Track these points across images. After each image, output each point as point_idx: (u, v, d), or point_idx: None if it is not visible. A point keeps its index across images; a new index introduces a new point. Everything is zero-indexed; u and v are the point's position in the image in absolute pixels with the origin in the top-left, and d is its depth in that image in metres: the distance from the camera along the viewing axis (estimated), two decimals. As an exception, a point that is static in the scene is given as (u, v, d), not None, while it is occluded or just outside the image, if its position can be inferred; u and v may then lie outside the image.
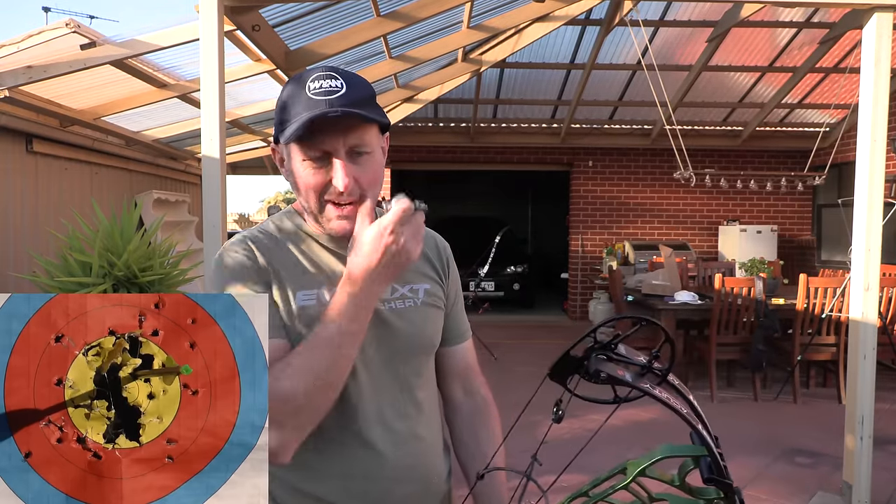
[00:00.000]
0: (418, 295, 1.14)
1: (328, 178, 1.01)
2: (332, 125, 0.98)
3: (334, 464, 1.05)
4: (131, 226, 2.97)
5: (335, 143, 0.99)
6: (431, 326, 1.16)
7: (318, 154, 1.00)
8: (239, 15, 3.48)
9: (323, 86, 0.99)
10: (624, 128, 8.69)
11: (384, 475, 1.06)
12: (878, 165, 3.14)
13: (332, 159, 1.00)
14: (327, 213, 1.04)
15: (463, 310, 1.27)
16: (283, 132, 1.01)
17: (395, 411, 1.08)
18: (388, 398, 1.08)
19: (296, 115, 0.99)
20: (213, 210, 2.84)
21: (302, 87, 1.00)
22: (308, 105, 0.98)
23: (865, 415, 3.16)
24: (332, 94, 0.98)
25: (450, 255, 1.24)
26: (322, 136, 0.99)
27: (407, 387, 1.11)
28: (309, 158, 1.01)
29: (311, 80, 1.00)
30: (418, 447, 1.11)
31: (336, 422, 1.04)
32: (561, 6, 5.12)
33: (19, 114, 4.07)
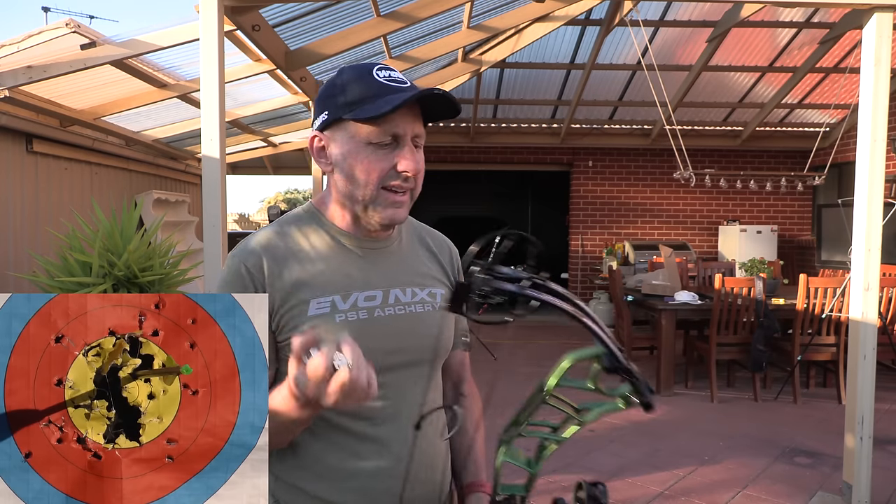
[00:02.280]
0: (436, 299, 1.14)
1: (393, 163, 1.02)
2: (407, 111, 1.00)
3: (341, 463, 1.05)
4: (131, 226, 2.97)
5: (406, 128, 1.01)
6: (448, 331, 1.16)
7: (387, 138, 1.01)
8: (239, 15, 3.48)
9: (392, 75, 1.02)
10: (624, 128, 8.69)
11: (391, 475, 1.06)
12: (878, 165, 3.14)
13: (402, 143, 1.02)
14: (382, 200, 1.04)
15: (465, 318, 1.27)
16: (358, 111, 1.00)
17: (408, 413, 1.08)
18: (404, 401, 1.08)
19: (374, 96, 0.99)
20: (213, 210, 2.84)
21: (368, 74, 1.02)
22: (386, 89, 0.99)
23: (865, 415, 3.16)
24: (405, 83, 1.02)
25: (459, 262, 1.24)
26: (398, 120, 1.00)
27: (422, 389, 1.11)
28: (378, 141, 1.01)
29: (375, 69, 1.02)
30: (425, 447, 1.11)
31: (345, 422, 1.05)
32: (561, 6, 5.12)
33: (19, 114, 4.07)
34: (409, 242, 1.18)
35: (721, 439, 4.26)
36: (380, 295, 1.08)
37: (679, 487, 3.53)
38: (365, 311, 1.06)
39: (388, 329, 1.07)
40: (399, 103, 0.97)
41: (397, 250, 1.14)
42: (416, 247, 1.19)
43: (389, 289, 1.09)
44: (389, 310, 1.08)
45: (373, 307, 1.07)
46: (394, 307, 1.08)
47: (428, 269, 1.17)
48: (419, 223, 1.25)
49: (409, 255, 1.16)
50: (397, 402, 1.07)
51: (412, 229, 1.21)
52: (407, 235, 1.19)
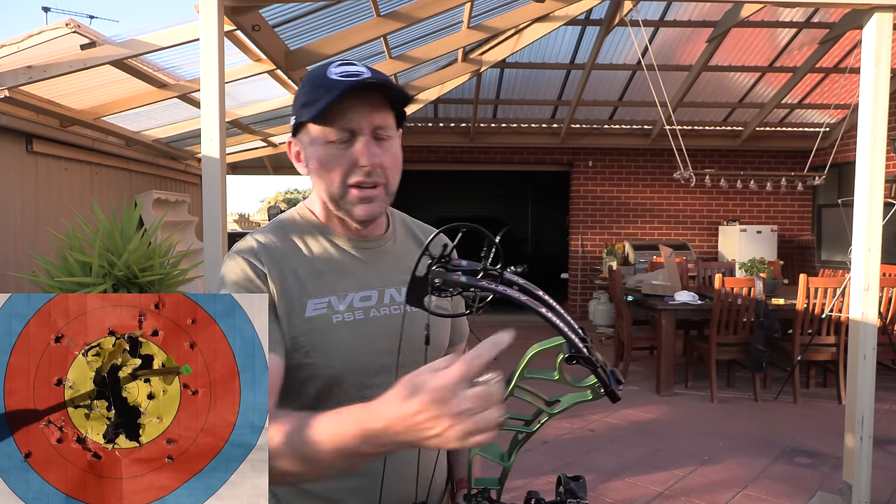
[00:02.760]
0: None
1: (353, 159, 1.01)
2: (359, 103, 0.99)
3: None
4: (131, 226, 2.97)
5: (360, 121, 1.00)
6: (443, 330, 1.17)
7: (343, 134, 1.01)
8: (239, 15, 3.48)
9: (347, 70, 1.00)
10: (624, 128, 8.69)
11: (388, 471, 1.07)
12: (878, 165, 3.14)
13: (358, 138, 1.01)
14: (350, 198, 1.04)
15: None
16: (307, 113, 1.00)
17: None
18: None
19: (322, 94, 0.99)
20: (213, 210, 2.84)
21: (323, 73, 1.01)
22: (336, 86, 0.98)
23: (865, 415, 3.16)
24: (358, 76, 0.99)
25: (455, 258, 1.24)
26: (348, 114, 0.99)
27: None
28: (333, 140, 1.01)
29: (332, 66, 1.01)
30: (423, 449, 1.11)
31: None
32: (561, 6, 5.12)
33: (19, 114, 4.07)
34: (403, 240, 1.18)
35: (721, 439, 4.26)
36: (375, 295, 1.08)
37: (679, 487, 3.53)
38: (361, 311, 1.06)
39: (385, 329, 1.07)
40: (331, 99, 0.96)
41: (392, 249, 1.15)
42: (410, 245, 1.19)
43: (384, 288, 1.10)
44: (385, 310, 1.08)
45: (368, 307, 1.07)
46: (389, 307, 1.09)
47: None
48: (412, 219, 1.25)
49: (403, 254, 1.16)
50: None
51: (406, 227, 1.21)
52: (401, 233, 1.19)
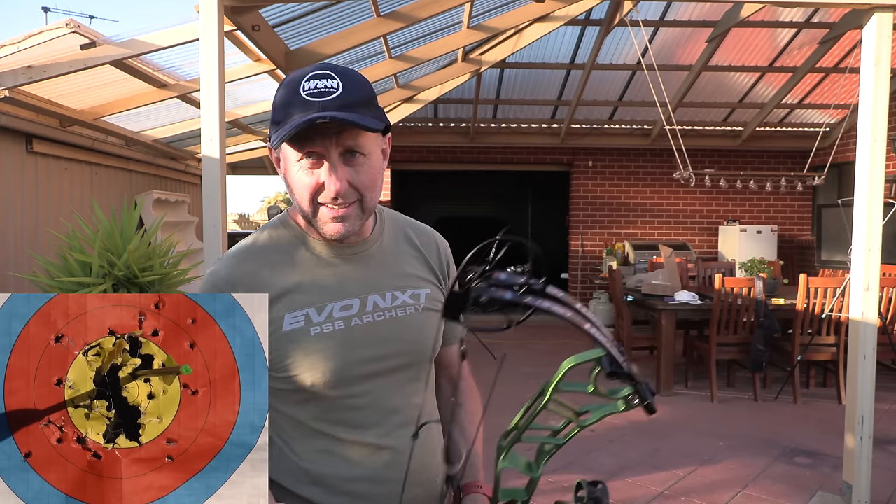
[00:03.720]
0: (420, 300, 1.11)
1: (322, 180, 0.98)
2: (325, 127, 0.95)
3: (333, 470, 1.05)
4: (131, 226, 2.97)
5: (327, 145, 0.97)
6: (433, 332, 1.13)
7: (311, 157, 0.98)
8: (239, 15, 3.48)
9: (318, 86, 0.95)
10: (624, 128, 8.69)
11: (387, 478, 1.05)
12: (878, 165, 3.14)
13: (324, 162, 0.98)
14: (321, 216, 1.01)
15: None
16: (275, 133, 0.98)
17: (398, 417, 1.07)
18: (390, 404, 1.07)
19: (289, 116, 0.95)
20: (213, 210, 2.84)
21: (296, 86, 0.96)
22: (302, 106, 0.94)
23: (865, 415, 3.16)
24: (326, 95, 0.95)
25: (450, 257, 1.21)
26: (314, 138, 0.96)
27: (409, 392, 1.10)
28: (300, 160, 0.98)
29: (305, 79, 0.96)
30: (420, 450, 1.09)
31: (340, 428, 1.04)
32: (561, 6, 5.12)
33: (19, 114, 4.07)
34: (391, 242, 1.14)
35: (721, 439, 4.26)
36: (357, 303, 1.05)
37: (679, 487, 3.53)
38: (341, 321, 1.03)
39: (368, 337, 1.05)
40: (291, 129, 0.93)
41: (377, 253, 1.11)
42: (399, 246, 1.15)
43: (367, 295, 1.07)
44: (368, 317, 1.05)
45: (349, 316, 1.04)
46: (372, 314, 1.06)
47: (411, 269, 1.13)
48: (405, 218, 1.22)
49: (389, 257, 1.12)
50: (384, 408, 1.06)
51: (396, 226, 1.17)
52: (389, 234, 1.15)
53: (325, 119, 0.92)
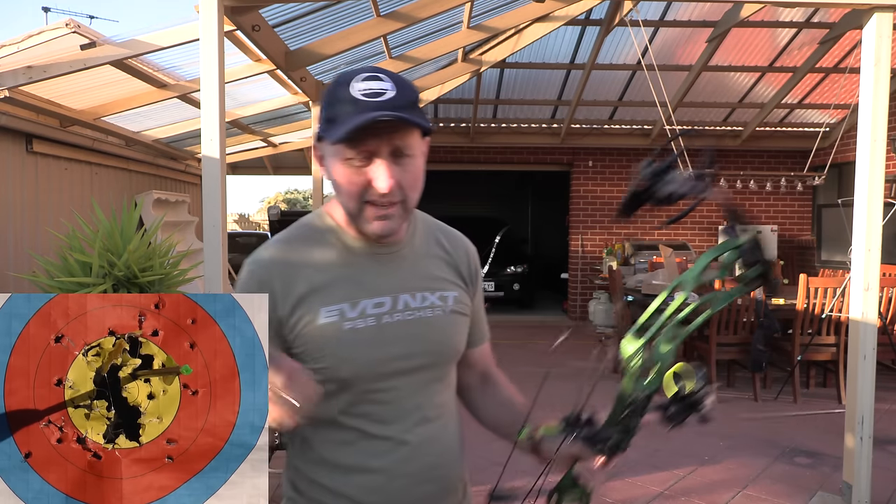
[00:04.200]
0: (447, 303, 1.14)
1: (370, 178, 1.01)
2: (378, 126, 0.97)
3: (356, 461, 1.08)
4: (131, 226, 2.97)
5: (379, 145, 0.99)
6: (459, 334, 1.17)
7: (362, 155, 1.00)
8: (239, 15, 3.48)
9: (371, 87, 0.98)
10: (624, 128, 8.69)
11: (404, 473, 1.08)
12: (878, 165, 3.14)
13: (375, 160, 1.00)
14: (366, 214, 1.03)
15: (484, 314, 1.29)
16: (328, 131, 1.01)
17: (419, 414, 1.11)
18: (413, 401, 1.10)
19: (343, 114, 0.98)
20: (213, 210, 2.84)
21: (348, 86, 0.99)
22: (357, 106, 0.97)
23: (865, 415, 3.16)
24: (380, 96, 0.98)
25: (478, 263, 1.25)
26: (367, 138, 0.98)
27: (432, 392, 1.13)
28: (351, 158, 1.00)
29: (356, 80, 0.99)
30: (438, 448, 1.13)
31: (363, 421, 1.08)
32: (561, 6, 5.12)
33: (19, 114, 4.07)
34: (422, 244, 1.17)
35: (721, 439, 4.26)
36: (388, 301, 1.09)
37: (679, 487, 3.53)
38: (373, 318, 1.07)
39: (397, 335, 1.08)
40: (349, 130, 0.96)
41: (409, 254, 1.14)
42: (430, 248, 1.18)
43: (398, 294, 1.10)
44: (398, 315, 1.09)
45: (381, 314, 1.08)
46: (402, 313, 1.09)
47: (440, 272, 1.16)
48: (436, 222, 1.24)
49: (420, 258, 1.15)
50: (408, 405, 1.10)
51: (427, 229, 1.20)
52: (421, 236, 1.18)
53: (388, 117, 0.96)
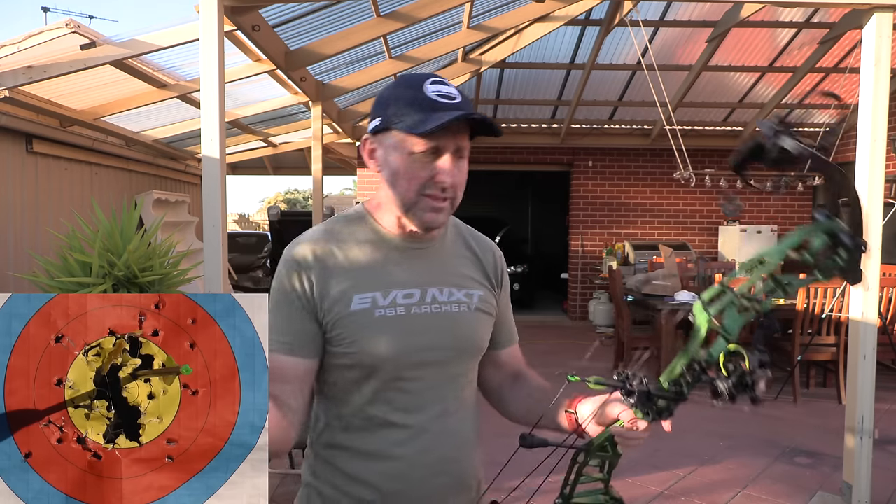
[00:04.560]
0: (472, 300, 1.19)
1: (433, 174, 1.07)
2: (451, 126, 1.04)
3: (378, 446, 1.12)
4: (131, 226, 2.97)
5: (448, 142, 1.06)
6: (482, 331, 1.21)
7: (430, 149, 1.06)
8: (239, 15, 3.48)
9: (444, 90, 1.07)
10: (624, 128, 8.69)
11: (423, 463, 1.12)
12: (878, 165, 3.14)
13: (443, 155, 1.07)
14: (422, 205, 1.08)
15: (512, 316, 1.34)
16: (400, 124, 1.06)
17: (441, 407, 1.15)
18: (436, 395, 1.15)
19: (423, 110, 1.04)
20: (213, 210, 2.84)
21: (419, 86, 1.06)
22: (434, 105, 1.05)
23: (865, 415, 3.16)
24: (453, 98, 1.07)
25: (504, 266, 1.30)
26: (442, 135, 1.05)
27: (454, 385, 1.18)
28: (420, 152, 1.05)
29: (427, 82, 1.07)
30: (458, 442, 1.17)
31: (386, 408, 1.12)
32: (561, 6, 5.12)
33: (19, 114, 4.07)
34: (452, 244, 1.23)
35: (721, 439, 4.26)
36: (417, 293, 1.14)
37: (679, 487, 3.53)
38: (403, 307, 1.12)
39: (424, 326, 1.13)
40: (441, 124, 1.02)
41: (439, 251, 1.19)
42: (459, 248, 1.24)
43: (427, 287, 1.15)
44: (426, 308, 1.14)
45: (410, 304, 1.13)
46: (430, 305, 1.14)
47: (468, 271, 1.22)
48: (467, 226, 1.30)
49: (450, 256, 1.21)
50: (431, 396, 1.14)
51: (458, 231, 1.26)
52: (451, 237, 1.23)
53: (478, 117, 1.06)
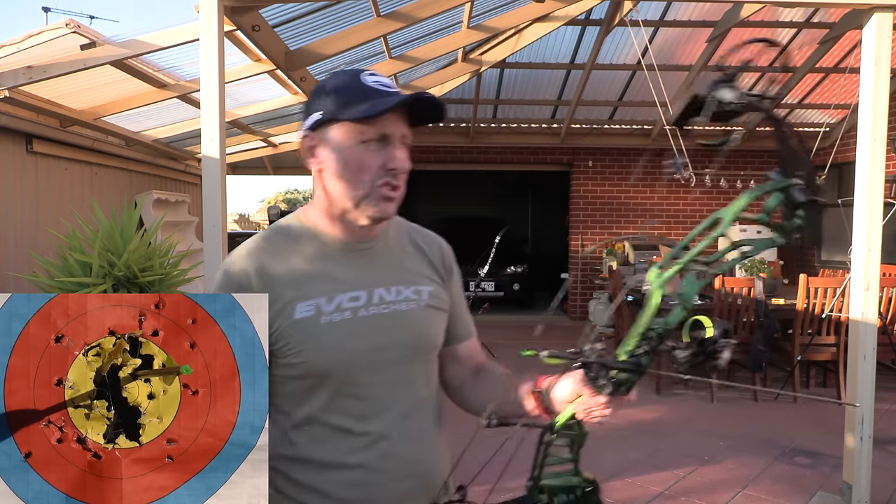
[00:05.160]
0: (422, 297, 1.16)
1: (384, 161, 1.06)
2: (395, 112, 1.05)
3: (334, 458, 1.08)
4: (131, 226, 2.97)
5: (395, 128, 1.06)
6: (435, 328, 1.19)
7: (378, 136, 1.05)
8: (239, 15, 3.47)
9: (381, 80, 1.07)
10: (624, 128, 8.68)
11: (383, 468, 1.09)
12: (878, 165, 3.14)
13: (392, 142, 1.06)
14: (375, 195, 1.07)
15: (467, 309, 1.31)
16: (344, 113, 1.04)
17: (399, 410, 1.11)
18: (393, 398, 1.11)
19: (362, 98, 1.04)
20: (213, 210, 2.84)
21: (357, 78, 1.07)
22: (377, 92, 1.05)
23: (865, 415, 3.16)
24: (392, 87, 1.07)
25: (452, 259, 1.27)
26: (387, 120, 1.05)
27: (411, 386, 1.14)
28: (367, 140, 1.05)
29: (363, 74, 1.07)
30: (420, 443, 1.14)
31: (341, 416, 1.07)
32: (561, 6, 5.12)
33: (19, 114, 4.06)
34: (395, 241, 1.20)
35: (721, 439, 4.26)
36: (364, 295, 1.11)
37: (679, 487, 3.53)
38: (349, 311, 1.09)
39: (373, 328, 1.09)
40: (393, 104, 1.02)
41: (383, 250, 1.17)
42: (403, 245, 1.21)
43: (373, 288, 1.12)
44: (374, 309, 1.11)
45: (357, 307, 1.09)
46: (378, 306, 1.11)
47: (415, 267, 1.19)
48: (409, 223, 1.28)
49: (394, 254, 1.18)
50: (387, 400, 1.10)
51: (400, 228, 1.24)
52: (394, 234, 1.21)
53: (427, 97, 1.05)
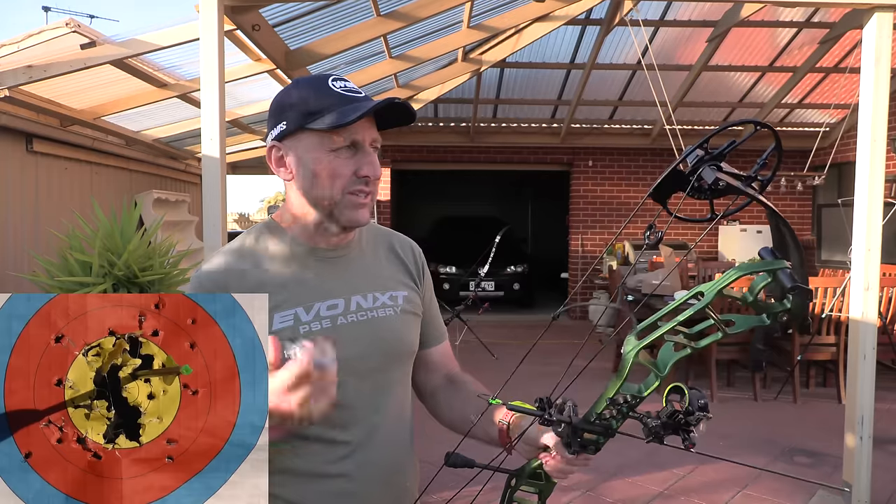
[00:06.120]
0: (398, 302, 1.16)
1: (356, 168, 1.05)
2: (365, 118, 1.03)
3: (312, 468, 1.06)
4: (131, 226, 2.97)
5: (365, 134, 1.05)
6: (411, 333, 1.18)
7: (348, 143, 1.04)
8: (239, 15, 3.48)
9: (348, 86, 1.05)
10: (624, 128, 8.69)
11: (366, 477, 1.08)
12: (878, 165, 3.14)
13: (362, 148, 1.05)
14: (347, 203, 1.06)
15: (439, 312, 1.30)
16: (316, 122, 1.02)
17: (378, 418, 1.10)
18: (372, 406, 1.10)
19: (336, 105, 1.02)
20: (213, 210, 2.84)
21: (324, 85, 1.04)
22: (346, 98, 1.03)
23: (865, 415, 3.16)
24: (360, 92, 1.05)
25: (424, 262, 1.27)
26: (357, 127, 1.03)
27: (390, 393, 1.13)
28: (338, 148, 1.03)
29: (331, 80, 1.05)
30: (398, 451, 1.14)
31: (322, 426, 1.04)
32: (561, 6, 5.12)
33: (19, 114, 4.06)
34: (369, 247, 1.20)
35: (721, 439, 4.26)
36: (341, 303, 1.10)
37: (679, 487, 3.53)
38: (328, 319, 1.07)
39: (352, 336, 1.08)
40: (364, 112, 1.00)
41: (357, 257, 1.16)
42: (377, 250, 1.20)
43: (350, 296, 1.11)
44: (352, 317, 1.10)
45: (335, 315, 1.08)
46: (356, 314, 1.10)
47: (390, 272, 1.19)
48: (384, 228, 1.28)
49: (369, 260, 1.18)
50: (367, 408, 1.09)
51: (374, 234, 1.23)
52: (367, 240, 1.20)
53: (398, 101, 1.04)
